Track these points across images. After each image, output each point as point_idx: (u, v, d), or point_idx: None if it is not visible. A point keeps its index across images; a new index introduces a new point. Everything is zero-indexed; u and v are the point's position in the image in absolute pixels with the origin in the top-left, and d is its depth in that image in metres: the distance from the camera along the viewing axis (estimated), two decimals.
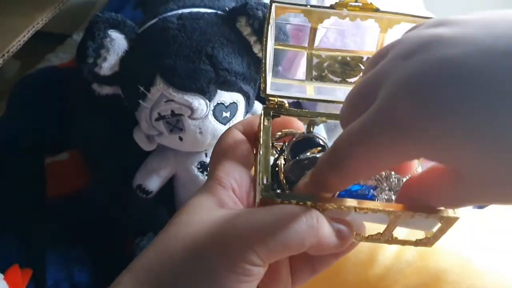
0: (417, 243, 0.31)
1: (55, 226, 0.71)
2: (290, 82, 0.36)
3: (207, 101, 0.57)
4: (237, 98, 0.60)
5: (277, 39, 0.54)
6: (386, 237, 0.31)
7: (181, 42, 0.57)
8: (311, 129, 0.35)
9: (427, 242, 0.31)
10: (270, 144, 0.30)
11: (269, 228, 0.26)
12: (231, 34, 0.58)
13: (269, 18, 0.33)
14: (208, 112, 0.58)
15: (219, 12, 0.60)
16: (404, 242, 0.31)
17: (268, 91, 0.33)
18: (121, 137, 0.66)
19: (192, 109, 0.57)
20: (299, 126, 0.34)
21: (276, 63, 0.60)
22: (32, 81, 0.82)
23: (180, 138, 0.60)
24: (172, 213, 0.71)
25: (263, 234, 0.26)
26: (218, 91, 0.58)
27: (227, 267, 0.26)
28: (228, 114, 0.59)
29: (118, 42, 0.57)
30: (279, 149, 0.33)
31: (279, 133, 0.33)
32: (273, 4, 0.34)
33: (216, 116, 0.58)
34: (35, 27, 0.74)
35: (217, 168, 0.30)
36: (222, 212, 0.28)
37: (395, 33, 0.35)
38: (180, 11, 0.60)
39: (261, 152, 0.30)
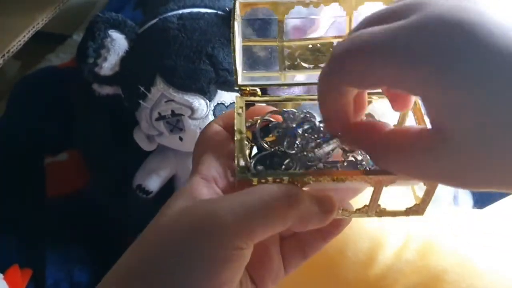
0: (408, 212, 0.31)
1: (55, 226, 0.71)
2: (266, 74, 0.37)
3: (208, 101, 0.57)
4: None
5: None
6: (374, 209, 0.30)
7: (182, 42, 0.57)
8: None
9: (417, 209, 0.31)
10: (244, 130, 0.31)
11: (248, 208, 0.26)
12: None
13: (233, 15, 0.34)
14: (209, 112, 0.58)
15: (219, 12, 0.61)
16: (394, 213, 0.31)
17: (240, 82, 0.34)
18: (121, 137, 0.66)
19: (192, 109, 0.57)
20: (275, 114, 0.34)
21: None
22: (32, 81, 0.82)
23: (180, 138, 0.60)
24: None
25: (242, 215, 0.25)
26: (219, 91, 0.58)
27: (209, 253, 0.25)
28: None
29: (118, 42, 0.57)
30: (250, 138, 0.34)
31: (250, 120, 0.33)
32: (237, 2, 0.34)
33: (216, 116, 0.58)
34: (35, 27, 0.74)
35: (198, 162, 0.30)
36: (201, 201, 0.28)
37: (362, 15, 0.34)
38: (180, 11, 0.60)
39: (235, 139, 0.30)
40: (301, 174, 0.28)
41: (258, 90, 0.34)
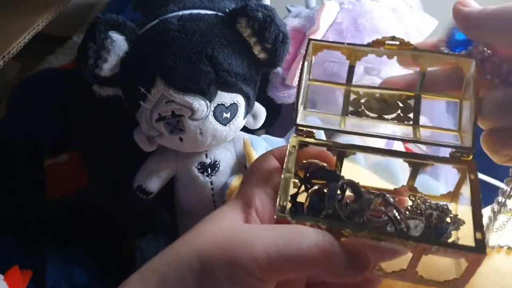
0: (444, 285, 0.30)
1: (55, 227, 0.71)
2: (326, 116, 0.37)
3: (208, 102, 0.57)
4: (238, 99, 0.60)
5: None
6: (410, 275, 0.29)
7: (182, 43, 0.57)
8: (340, 161, 0.35)
9: (455, 285, 0.30)
10: (293, 170, 0.31)
11: (280, 247, 0.26)
12: (232, 35, 0.59)
13: (306, 55, 0.34)
14: (209, 113, 0.58)
15: (219, 13, 0.61)
16: (428, 282, 0.30)
17: (299, 121, 0.34)
18: (121, 138, 0.67)
19: (192, 110, 0.57)
20: (330, 159, 0.34)
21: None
22: (32, 83, 0.82)
23: (181, 139, 0.60)
24: (172, 214, 0.71)
25: (273, 252, 0.26)
26: (219, 92, 0.58)
27: (230, 278, 0.26)
28: (228, 115, 0.59)
29: (118, 43, 0.57)
30: (300, 178, 0.34)
31: (304, 162, 0.34)
32: (311, 42, 0.35)
33: (216, 117, 0.59)
34: (35, 29, 0.74)
35: (245, 187, 0.32)
36: (239, 226, 0.28)
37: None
38: (180, 13, 0.60)
39: (282, 177, 0.30)
40: (339, 225, 0.28)
41: (315, 132, 0.34)
